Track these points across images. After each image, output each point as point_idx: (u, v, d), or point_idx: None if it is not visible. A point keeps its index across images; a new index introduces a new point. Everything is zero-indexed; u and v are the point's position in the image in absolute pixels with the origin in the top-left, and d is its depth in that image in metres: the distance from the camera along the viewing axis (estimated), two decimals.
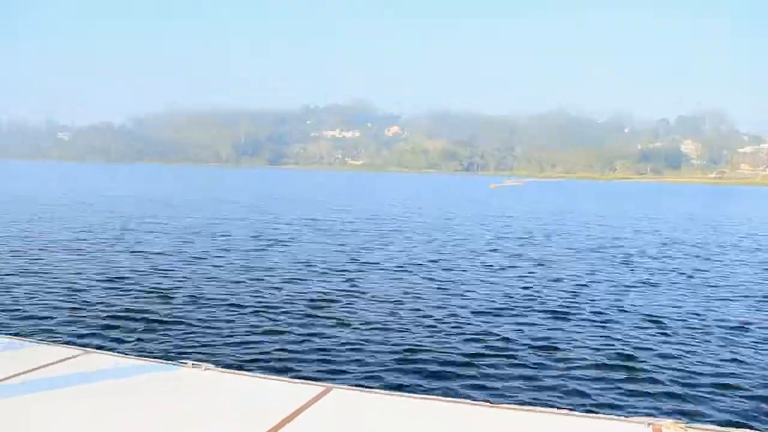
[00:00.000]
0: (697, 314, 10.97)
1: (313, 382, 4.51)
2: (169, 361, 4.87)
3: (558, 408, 4.45)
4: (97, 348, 6.31)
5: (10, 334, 7.13)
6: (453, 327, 9.57)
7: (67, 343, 7.09)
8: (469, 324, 9.77)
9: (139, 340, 8.41)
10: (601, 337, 9.26)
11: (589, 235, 25.04)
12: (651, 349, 8.68)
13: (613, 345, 8.83)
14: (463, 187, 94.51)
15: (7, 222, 23.10)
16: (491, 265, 15.85)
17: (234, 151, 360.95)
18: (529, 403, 5.58)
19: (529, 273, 14.85)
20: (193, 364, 4.60)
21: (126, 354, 5.46)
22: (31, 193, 43.82)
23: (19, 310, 9.82)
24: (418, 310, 10.65)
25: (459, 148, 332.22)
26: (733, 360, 8.33)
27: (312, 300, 11.23)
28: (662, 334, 9.56)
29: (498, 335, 9.15)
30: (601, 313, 10.82)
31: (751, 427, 5.76)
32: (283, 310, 10.36)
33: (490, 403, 4.38)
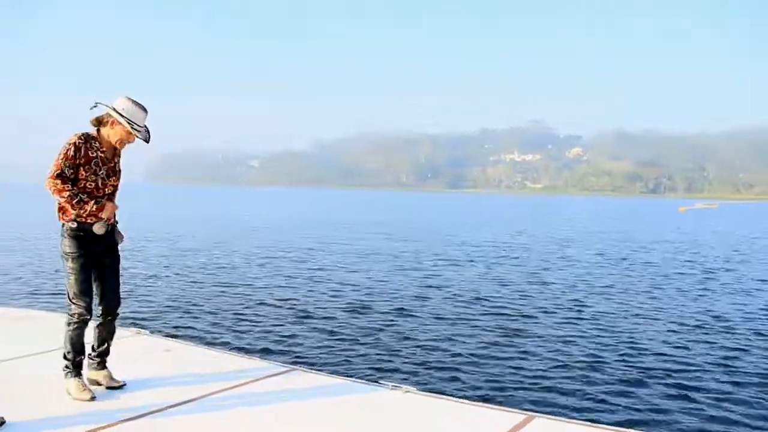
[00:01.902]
0: None
1: (515, 410, 4.44)
2: (371, 383, 5.00)
3: None
4: (304, 365, 6.61)
5: (225, 348, 7.67)
6: (655, 355, 9.06)
7: (276, 359, 7.45)
8: (673, 353, 9.19)
9: (342, 358, 8.69)
10: None
11: None
12: None
13: None
14: (649, 211, 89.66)
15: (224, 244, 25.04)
16: (686, 292, 14.86)
17: (414, 175, 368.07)
18: None
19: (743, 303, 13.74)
20: (393, 386, 4.70)
21: (329, 373, 5.67)
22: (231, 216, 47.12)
23: (235, 325, 10.54)
24: (618, 336, 10.19)
25: (644, 169, 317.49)
26: None
27: (509, 320, 11.19)
28: None
29: (704, 369, 8.53)
30: None
31: None
32: (480, 332, 10.29)
33: None
